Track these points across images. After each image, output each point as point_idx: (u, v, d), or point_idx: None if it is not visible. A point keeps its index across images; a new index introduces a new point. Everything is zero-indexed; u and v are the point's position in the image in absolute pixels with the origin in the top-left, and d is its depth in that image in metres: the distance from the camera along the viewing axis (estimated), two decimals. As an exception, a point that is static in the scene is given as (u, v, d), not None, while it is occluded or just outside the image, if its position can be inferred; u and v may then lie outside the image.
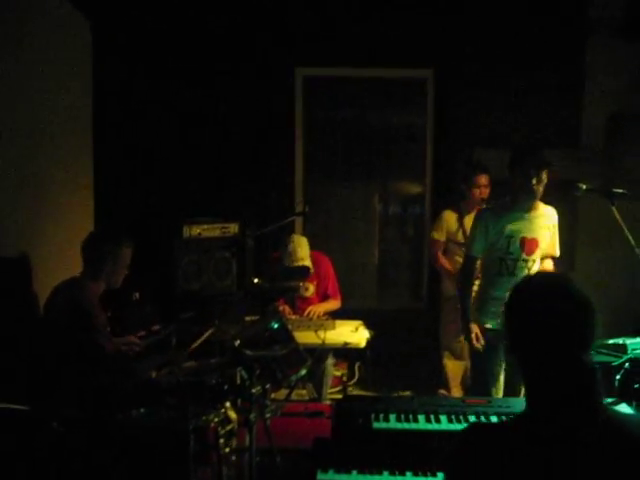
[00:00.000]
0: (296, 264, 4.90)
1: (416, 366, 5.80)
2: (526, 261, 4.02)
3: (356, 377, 5.80)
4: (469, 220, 5.23)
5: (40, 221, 4.31)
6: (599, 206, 4.24)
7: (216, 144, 5.98)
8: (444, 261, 5.40)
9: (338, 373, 5.55)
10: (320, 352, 4.72)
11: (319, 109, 6.31)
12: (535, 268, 4.09)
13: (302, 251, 5.00)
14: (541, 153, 3.99)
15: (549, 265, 4.21)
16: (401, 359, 5.80)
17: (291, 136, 6.17)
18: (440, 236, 5.40)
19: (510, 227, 4.01)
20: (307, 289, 5.18)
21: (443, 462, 1.97)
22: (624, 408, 2.98)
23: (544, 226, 4.09)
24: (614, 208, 3.96)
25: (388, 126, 6.34)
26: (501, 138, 6.00)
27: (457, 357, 5.45)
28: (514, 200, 4.04)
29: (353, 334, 4.76)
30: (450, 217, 5.38)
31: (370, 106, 6.32)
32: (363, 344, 4.66)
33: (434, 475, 2.67)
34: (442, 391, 5.46)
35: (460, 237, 5.30)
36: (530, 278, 2.02)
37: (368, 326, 4.99)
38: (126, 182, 5.73)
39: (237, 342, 3.55)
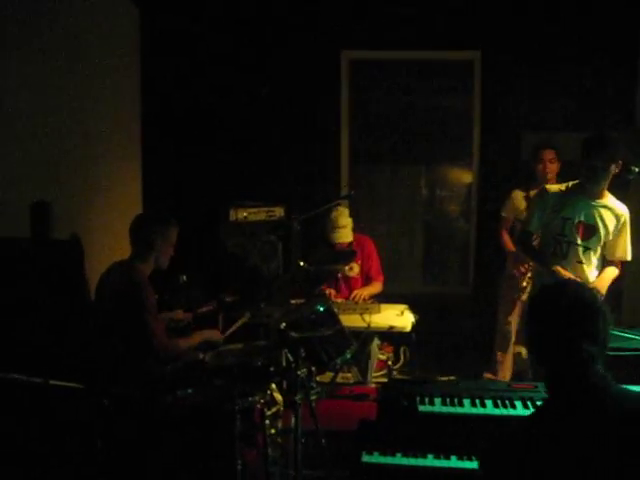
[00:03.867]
0: (338, 232, 4.96)
1: (461, 351, 5.77)
2: (581, 247, 3.94)
3: (401, 361, 5.78)
4: None
5: (91, 207, 4.39)
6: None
7: (263, 128, 6.00)
8: (507, 239, 5.33)
9: (383, 357, 5.54)
10: (365, 335, 4.73)
11: (365, 92, 6.28)
12: (593, 259, 4.00)
13: (343, 219, 5.06)
14: (614, 146, 3.86)
15: (613, 272, 4.07)
16: (446, 344, 5.77)
17: (337, 120, 6.16)
18: (507, 214, 5.35)
19: (569, 209, 3.95)
20: (351, 269, 5.20)
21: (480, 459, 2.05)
22: None
23: (608, 218, 3.97)
24: None
25: (435, 109, 6.27)
26: (550, 121, 5.91)
27: (507, 341, 5.39)
28: (580, 185, 3.97)
29: (398, 318, 4.76)
30: (518, 195, 5.32)
31: (416, 89, 6.26)
32: (409, 328, 4.65)
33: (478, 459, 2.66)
34: (488, 375, 5.42)
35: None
36: (549, 286, 2.12)
37: (413, 310, 4.98)
38: (173, 167, 5.79)
39: (283, 324, 3.58)
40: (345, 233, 5.08)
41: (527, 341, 2.06)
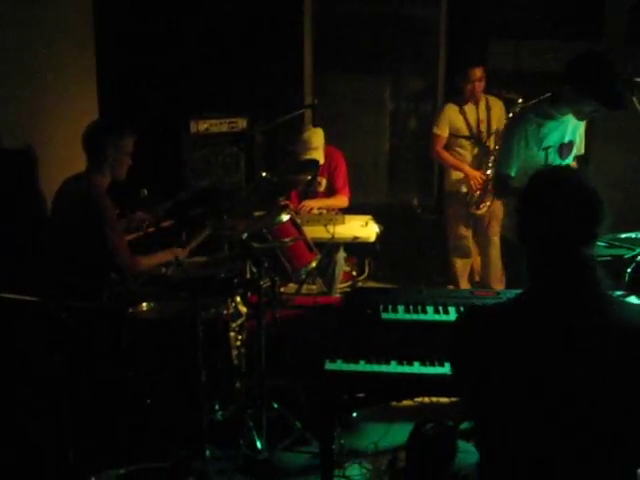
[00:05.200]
0: (310, 153, 4.82)
1: (426, 262, 5.81)
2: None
3: (366, 273, 5.81)
4: (470, 110, 5.18)
5: (41, 115, 4.21)
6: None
7: (223, 37, 5.79)
8: (446, 155, 5.29)
9: (348, 269, 5.56)
10: (330, 246, 4.72)
11: (328, 0, 6.07)
12: None
13: (317, 140, 4.92)
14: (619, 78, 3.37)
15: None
16: (411, 255, 5.80)
17: (300, 27, 5.97)
18: (442, 131, 5.28)
19: (550, 138, 3.62)
20: (320, 184, 5.13)
21: (448, 348, 2.01)
22: (634, 300, 2.98)
23: (577, 126, 3.73)
24: (635, 99, 3.78)
25: (400, 17, 6.10)
26: (518, 29, 5.78)
27: (464, 255, 5.44)
28: (557, 108, 3.56)
29: (363, 228, 4.74)
30: (452, 111, 5.26)
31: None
32: (373, 238, 4.64)
33: (441, 365, 2.69)
34: (451, 287, 5.49)
35: (464, 130, 5.21)
36: (546, 170, 2.02)
37: (378, 221, 4.96)
38: (132, 76, 5.58)
39: (245, 235, 3.55)
40: (318, 154, 4.95)
41: (517, 233, 1.90)
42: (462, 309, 2.92)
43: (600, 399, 1.72)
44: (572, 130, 3.71)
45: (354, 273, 5.58)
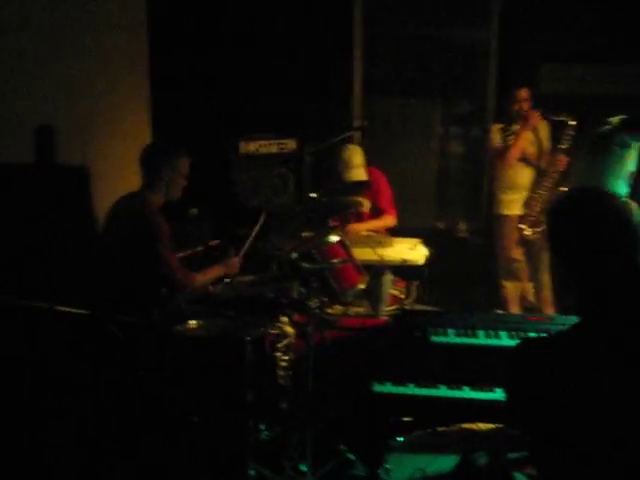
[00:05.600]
0: (352, 172, 4.81)
1: (474, 286, 5.73)
2: None
3: (413, 296, 5.75)
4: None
5: (97, 135, 4.30)
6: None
7: (274, 60, 5.85)
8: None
9: (395, 292, 5.51)
10: (377, 269, 4.68)
11: (378, 23, 6.08)
12: None
13: (357, 158, 4.90)
14: None
15: None
16: (459, 279, 5.73)
17: (350, 51, 5.99)
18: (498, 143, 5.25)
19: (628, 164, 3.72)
20: (362, 205, 5.10)
21: (502, 378, 1.94)
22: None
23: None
24: None
25: (450, 39, 6.08)
26: (570, 52, 5.71)
27: (515, 278, 5.35)
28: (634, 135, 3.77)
29: (411, 251, 4.69)
30: (499, 132, 5.26)
31: (431, 20, 6.06)
32: (422, 261, 4.59)
33: (492, 390, 2.64)
34: (499, 311, 5.40)
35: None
36: (576, 188, 1.94)
37: (426, 244, 4.91)
38: (184, 97, 5.67)
39: (294, 255, 3.54)
40: (360, 172, 4.94)
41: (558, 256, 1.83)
42: (514, 334, 2.87)
43: None
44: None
45: (401, 296, 5.52)
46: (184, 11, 5.71)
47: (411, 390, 2.66)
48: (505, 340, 2.84)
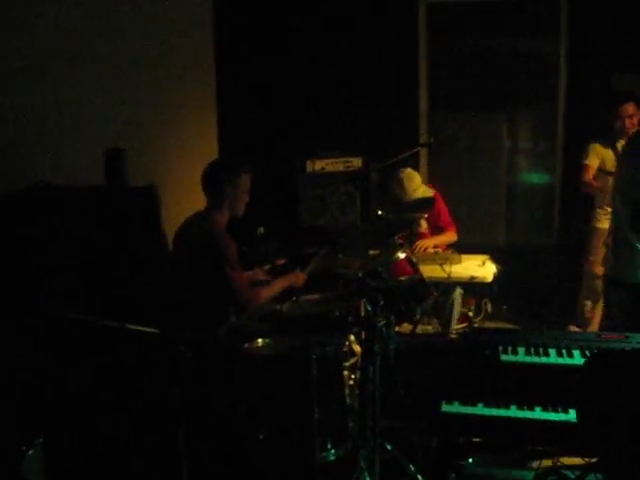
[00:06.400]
0: (410, 196, 4.80)
1: (546, 303, 5.60)
2: None
3: (483, 313, 5.65)
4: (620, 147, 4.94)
5: (166, 155, 4.39)
6: None
7: (340, 77, 5.88)
8: (592, 182, 5.05)
9: (465, 310, 5.43)
10: (446, 286, 4.63)
11: (443, 37, 6.05)
12: None
13: (415, 182, 4.96)
14: None
15: None
16: (531, 296, 5.61)
17: (415, 66, 5.98)
18: (591, 162, 5.07)
19: None
20: (420, 225, 5.08)
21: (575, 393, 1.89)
22: None
23: None
24: None
25: (517, 52, 5.98)
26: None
27: (596, 296, 5.18)
28: None
29: (480, 268, 4.63)
30: (599, 148, 5.06)
31: (497, 32, 5.99)
32: (490, 278, 4.52)
33: (565, 411, 2.56)
34: (573, 327, 5.24)
35: (611, 166, 4.96)
36: None
37: (495, 261, 4.83)
38: (250, 117, 5.74)
39: (361, 273, 3.52)
40: (421, 194, 4.98)
41: None
42: (588, 353, 2.77)
43: None
44: None
45: (471, 314, 5.43)
46: (251, 27, 5.80)
47: (480, 410, 2.60)
48: (578, 359, 2.75)
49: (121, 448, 2.88)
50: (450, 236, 5.18)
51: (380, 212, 4.23)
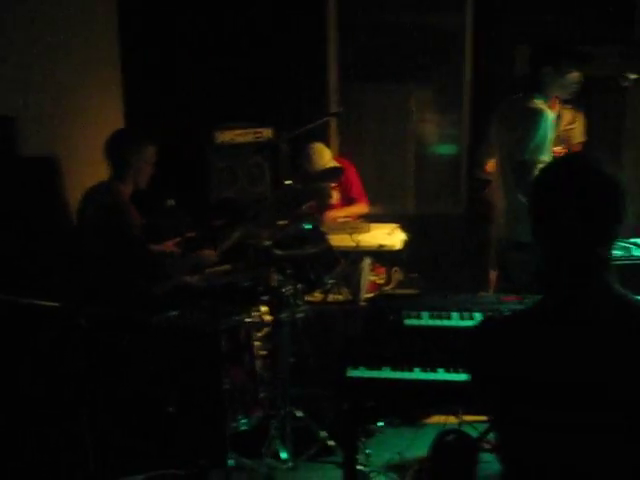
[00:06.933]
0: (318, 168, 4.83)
1: (456, 272, 5.72)
2: None
3: (393, 282, 5.73)
4: None
5: (67, 124, 4.25)
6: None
7: (247, 47, 5.80)
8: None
9: (375, 278, 5.49)
10: (355, 255, 4.67)
11: (352, 9, 6.04)
12: None
13: (324, 157, 4.98)
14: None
15: None
16: (440, 265, 5.72)
17: (324, 37, 5.95)
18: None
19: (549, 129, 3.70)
20: (331, 196, 5.11)
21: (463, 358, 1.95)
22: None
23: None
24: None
25: (425, 25, 6.04)
26: (546, 35, 5.69)
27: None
28: (544, 96, 3.74)
29: (388, 236, 4.69)
30: None
31: (405, 5, 6.02)
32: (398, 246, 4.59)
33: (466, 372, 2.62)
34: (482, 293, 5.37)
35: None
36: (557, 160, 1.91)
37: (405, 230, 4.90)
38: (157, 87, 5.61)
39: (268, 243, 3.52)
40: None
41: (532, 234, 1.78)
42: (489, 315, 2.86)
43: (624, 402, 1.64)
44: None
45: (381, 282, 5.50)
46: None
47: (385, 374, 2.63)
48: (478, 321, 2.83)
49: (23, 425, 2.80)
50: (361, 207, 5.21)
51: (288, 182, 4.23)
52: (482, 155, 4.97)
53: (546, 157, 3.60)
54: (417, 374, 2.65)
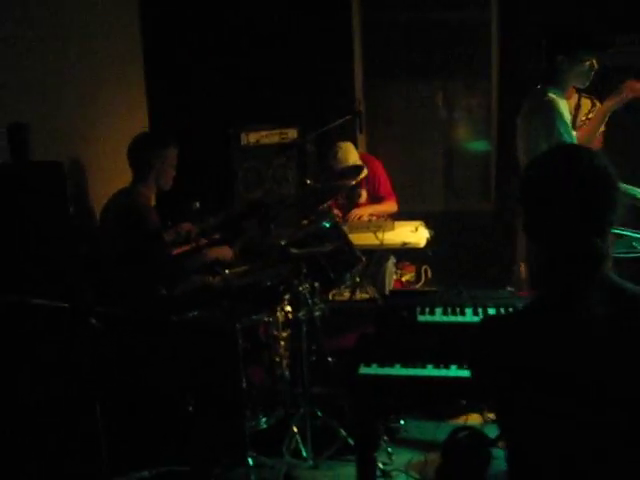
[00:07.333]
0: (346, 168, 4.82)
1: (484, 269, 5.66)
2: None
3: (422, 280, 5.70)
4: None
5: (90, 128, 4.32)
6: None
7: (273, 48, 5.82)
8: None
9: (406, 277, 5.46)
10: (380, 253, 4.66)
11: (377, 7, 6.02)
12: None
13: (351, 157, 4.93)
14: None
15: None
16: (469, 260, 5.66)
17: (349, 36, 5.94)
18: None
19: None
20: (360, 195, 5.09)
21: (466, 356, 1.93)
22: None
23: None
24: None
25: (450, 22, 5.99)
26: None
27: (532, 257, 5.26)
28: (560, 88, 3.66)
29: (412, 234, 4.66)
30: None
31: (429, 3, 5.98)
32: (422, 244, 4.55)
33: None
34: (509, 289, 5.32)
35: None
36: (550, 150, 1.87)
37: (434, 228, 4.85)
38: (182, 89, 5.65)
39: (284, 242, 3.53)
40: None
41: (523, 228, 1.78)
42: (503, 310, 2.82)
43: (625, 395, 1.61)
44: None
45: (407, 279, 5.47)
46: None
47: (397, 371, 2.61)
48: (493, 316, 2.80)
49: (38, 426, 2.85)
50: (389, 206, 5.18)
51: (308, 181, 4.24)
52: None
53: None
54: (429, 371, 2.62)
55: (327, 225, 3.78)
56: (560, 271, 1.70)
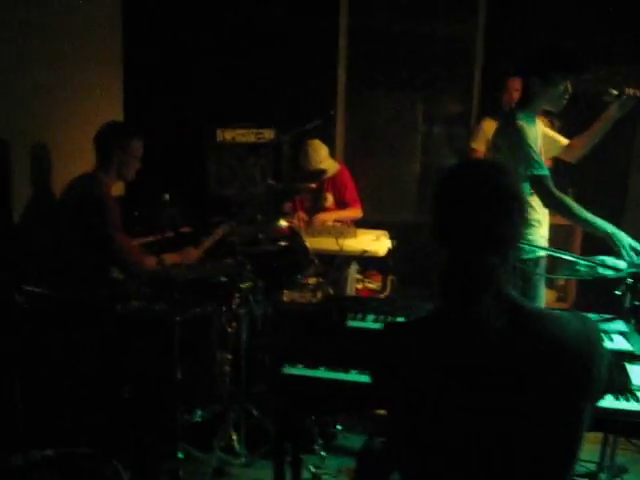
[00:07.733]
0: (315, 167, 4.83)
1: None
2: None
3: (388, 289, 5.71)
4: None
5: (63, 115, 4.34)
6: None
7: (256, 48, 5.83)
8: None
9: (371, 286, 5.46)
10: (341, 259, 4.67)
11: (364, 16, 6.05)
12: None
13: (320, 154, 4.99)
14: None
15: None
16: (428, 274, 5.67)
17: (334, 42, 5.97)
18: (478, 145, 5.13)
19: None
20: (326, 199, 5.13)
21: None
22: (619, 324, 2.84)
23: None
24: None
25: (435, 36, 6.02)
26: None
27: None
28: (531, 110, 3.45)
29: (373, 242, 4.68)
30: (490, 125, 5.07)
31: (417, 15, 6.00)
32: (382, 253, 4.56)
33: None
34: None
35: None
36: (459, 165, 1.88)
37: (404, 239, 4.87)
38: (159, 82, 5.66)
39: (235, 238, 3.56)
40: (327, 164, 5.04)
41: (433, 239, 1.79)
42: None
43: (517, 417, 1.61)
44: None
45: (376, 289, 5.47)
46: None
47: (320, 373, 2.62)
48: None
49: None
50: (353, 212, 5.22)
51: (270, 181, 4.27)
52: None
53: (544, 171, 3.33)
54: (353, 376, 2.63)
55: (282, 225, 3.80)
56: (457, 283, 1.72)
